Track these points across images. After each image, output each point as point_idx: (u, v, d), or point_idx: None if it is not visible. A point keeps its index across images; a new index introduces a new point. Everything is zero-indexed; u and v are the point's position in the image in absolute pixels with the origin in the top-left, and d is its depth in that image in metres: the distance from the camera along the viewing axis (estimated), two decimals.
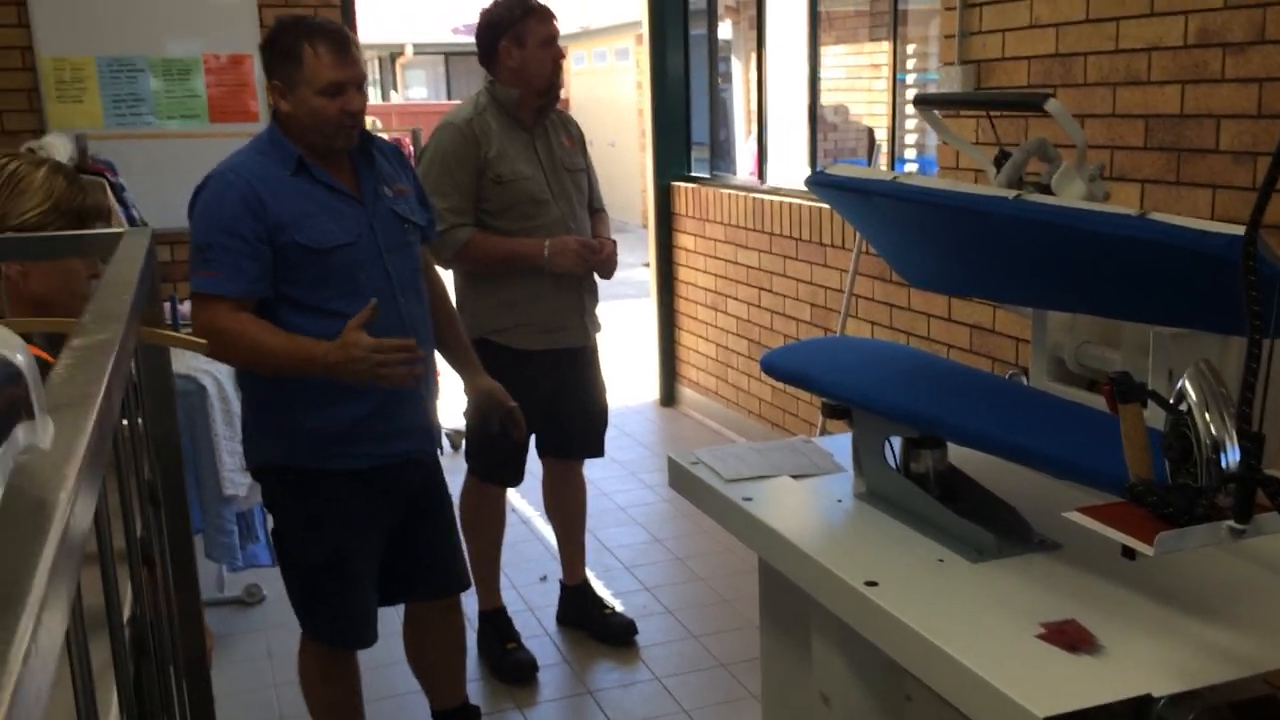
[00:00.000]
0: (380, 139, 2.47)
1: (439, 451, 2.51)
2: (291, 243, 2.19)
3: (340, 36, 2.22)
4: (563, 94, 3.18)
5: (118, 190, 4.03)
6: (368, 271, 2.26)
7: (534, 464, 3.35)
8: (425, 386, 2.41)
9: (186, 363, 3.22)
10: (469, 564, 3.34)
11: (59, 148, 3.84)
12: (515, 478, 3.27)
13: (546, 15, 3.01)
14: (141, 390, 1.00)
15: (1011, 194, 1.63)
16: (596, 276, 3.17)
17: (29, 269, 1.61)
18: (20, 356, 0.42)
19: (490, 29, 3.02)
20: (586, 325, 3.16)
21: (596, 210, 3.26)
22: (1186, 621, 1.38)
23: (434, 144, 3.02)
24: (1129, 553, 1.26)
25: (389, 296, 2.27)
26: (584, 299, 3.14)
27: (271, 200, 2.19)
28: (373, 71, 19.13)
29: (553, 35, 3.00)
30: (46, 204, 1.61)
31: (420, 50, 18.30)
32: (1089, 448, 1.48)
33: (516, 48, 2.97)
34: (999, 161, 2.13)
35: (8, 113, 4.61)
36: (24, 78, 4.62)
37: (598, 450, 3.39)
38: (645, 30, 5.76)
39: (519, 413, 2.66)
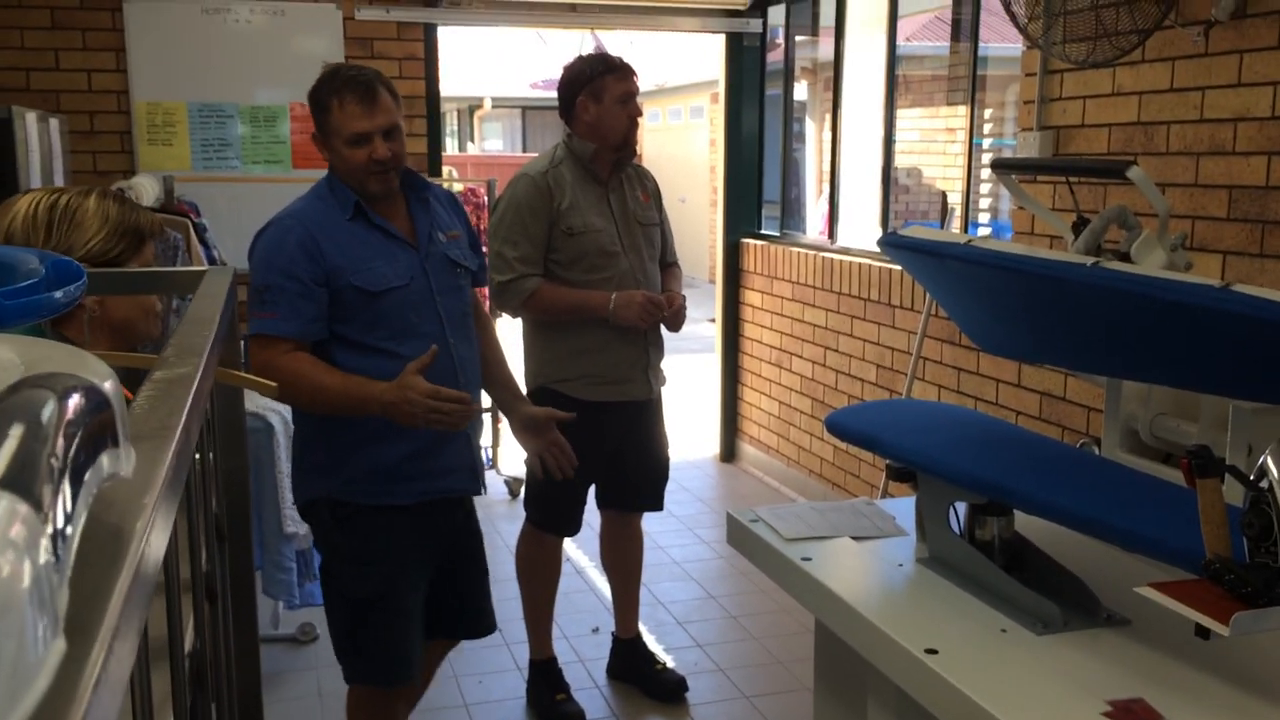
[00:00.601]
0: (436, 185, 2.55)
1: (483, 491, 2.53)
2: (348, 285, 2.26)
3: (366, 88, 2.28)
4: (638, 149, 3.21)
5: (200, 230, 4.14)
6: (420, 313, 2.32)
7: (591, 515, 3.35)
8: (471, 426, 2.45)
9: (255, 401, 3.28)
10: (523, 612, 3.34)
11: (147, 188, 3.97)
12: (572, 527, 3.26)
13: (626, 73, 3.05)
14: (215, 426, 1.02)
15: (1089, 260, 1.60)
16: (665, 330, 3.18)
17: (104, 298, 1.63)
18: (109, 384, 0.43)
19: (570, 84, 3.07)
20: (650, 379, 3.16)
21: (669, 264, 3.28)
22: (1260, 706, 1.33)
23: (509, 194, 3.06)
24: (1203, 632, 1.22)
25: (440, 337, 2.33)
26: (649, 352, 3.14)
27: (329, 246, 2.26)
28: (451, 123, 19.50)
29: (630, 92, 3.04)
30: (105, 229, 1.63)
31: (498, 104, 18.64)
32: (1163, 522, 1.44)
33: (593, 103, 3.02)
34: (1077, 228, 2.10)
35: (101, 154, 4.79)
36: (119, 120, 4.79)
37: (657, 504, 3.38)
38: (721, 89, 5.81)
39: (564, 443, 2.67)
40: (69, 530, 0.33)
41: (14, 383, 0.37)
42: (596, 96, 3.02)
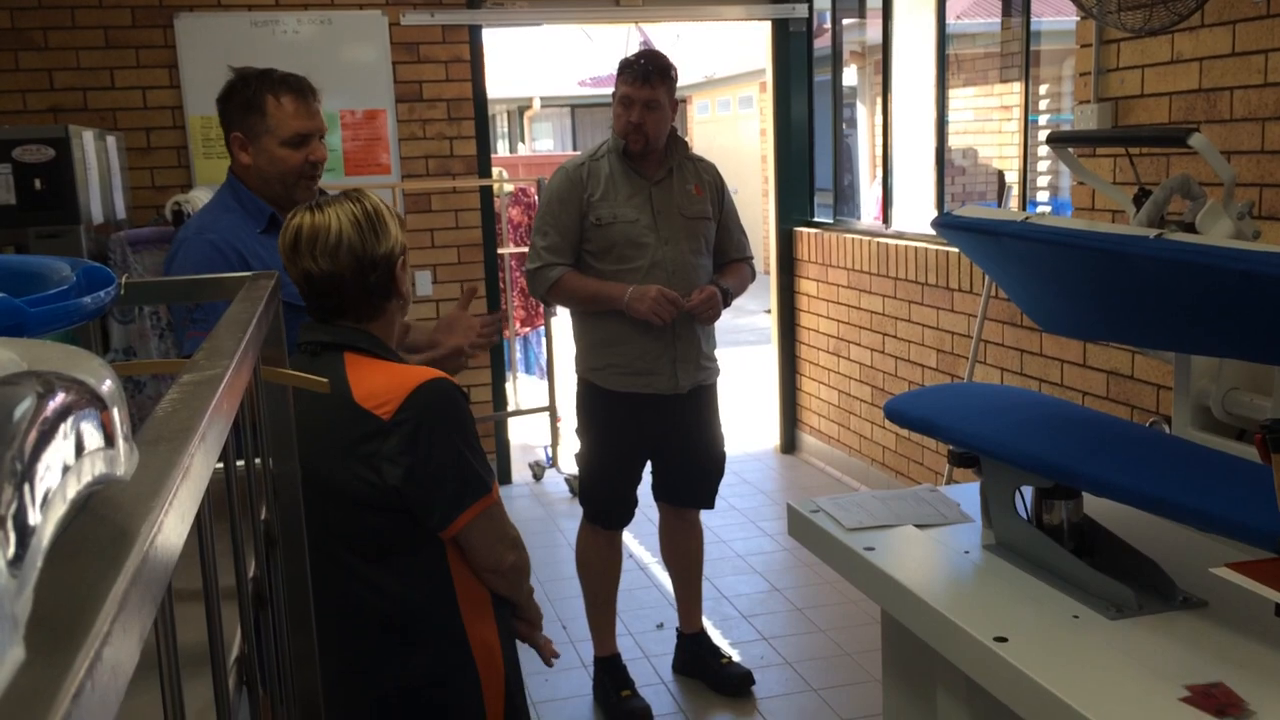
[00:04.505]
0: None
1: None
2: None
3: (304, 87, 2.23)
4: (689, 141, 3.18)
5: None
6: None
7: (651, 509, 3.33)
8: None
9: None
10: (584, 608, 3.34)
11: (202, 201, 4.03)
12: (621, 519, 3.25)
13: (631, 74, 3.01)
14: (263, 429, 1.02)
15: (1153, 232, 1.55)
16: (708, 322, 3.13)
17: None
18: (107, 384, 0.42)
19: None
20: (677, 373, 3.10)
21: (735, 260, 3.23)
22: None
23: (547, 186, 3.18)
24: None
25: None
26: (676, 346, 3.09)
27: (255, 262, 2.13)
28: (501, 124, 19.61)
29: (629, 96, 3.00)
30: (396, 226, 1.83)
31: (547, 103, 18.72)
32: (1238, 500, 1.39)
33: (613, 99, 3.09)
34: (1139, 200, 2.04)
35: (159, 169, 4.87)
36: (174, 135, 4.87)
37: (706, 502, 3.33)
38: (769, 77, 5.77)
39: (483, 319, 2.31)
40: (34, 533, 0.32)
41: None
42: (614, 94, 3.09)
